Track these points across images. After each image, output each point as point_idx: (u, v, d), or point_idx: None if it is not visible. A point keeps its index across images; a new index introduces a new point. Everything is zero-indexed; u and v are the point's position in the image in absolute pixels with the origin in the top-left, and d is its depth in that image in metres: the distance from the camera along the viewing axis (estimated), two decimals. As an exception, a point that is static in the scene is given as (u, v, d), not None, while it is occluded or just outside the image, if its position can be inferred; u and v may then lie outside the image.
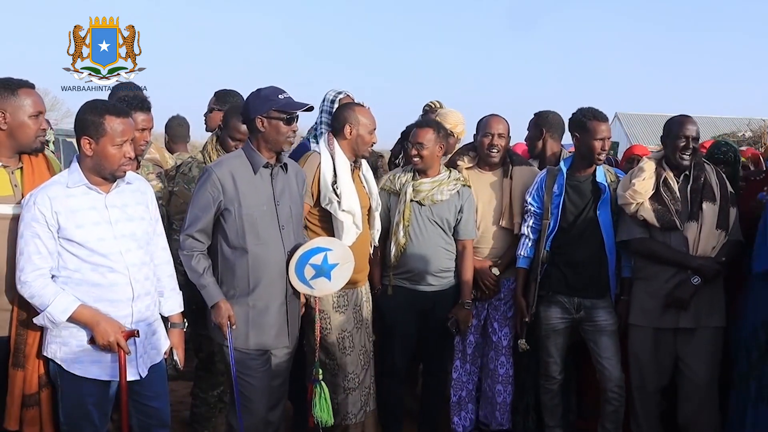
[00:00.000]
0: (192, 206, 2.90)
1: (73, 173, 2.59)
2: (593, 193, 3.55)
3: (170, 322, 2.89)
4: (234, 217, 2.88)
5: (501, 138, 3.76)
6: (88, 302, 2.55)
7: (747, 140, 9.48)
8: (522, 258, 3.68)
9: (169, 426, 2.89)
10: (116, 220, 2.61)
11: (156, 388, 2.78)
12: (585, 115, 3.52)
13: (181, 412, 4.18)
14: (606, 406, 3.57)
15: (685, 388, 3.42)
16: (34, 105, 2.62)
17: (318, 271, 3.00)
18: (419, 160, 3.63)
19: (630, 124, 35.71)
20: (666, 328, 3.39)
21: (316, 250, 2.99)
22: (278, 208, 2.96)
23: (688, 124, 3.38)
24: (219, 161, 3.02)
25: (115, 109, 2.59)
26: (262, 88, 2.96)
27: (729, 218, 3.34)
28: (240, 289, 2.92)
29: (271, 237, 2.94)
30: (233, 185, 2.87)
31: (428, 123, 3.75)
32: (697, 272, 3.30)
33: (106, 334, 2.51)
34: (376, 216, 3.56)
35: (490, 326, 3.88)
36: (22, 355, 2.59)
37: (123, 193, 2.68)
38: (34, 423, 2.64)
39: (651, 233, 3.41)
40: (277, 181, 2.99)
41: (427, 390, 3.91)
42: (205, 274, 2.87)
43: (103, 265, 2.56)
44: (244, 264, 2.90)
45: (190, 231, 2.88)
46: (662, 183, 3.40)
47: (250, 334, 2.93)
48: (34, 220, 2.49)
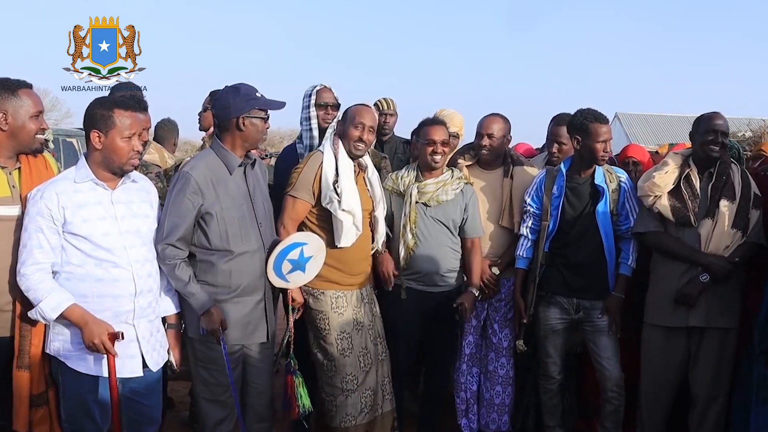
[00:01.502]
0: (170, 214, 2.80)
1: (80, 169, 2.63)
2: (592, 196, 3.55)
3: (166, 322, 2.90)
4: (216, 220, 2.86)
5: (491, 138, 3.74)
6: (92, 297, 2.57)
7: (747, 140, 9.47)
8: (521, 259, 3.68)
9: (158, 424, 2.92)
10: (122, 216, 2.65)
11: (151, 387, 2.81)
12: (586, 118, 3.50)
13: (181, 412, 4.18)
14: (606, 405, 3.58)
15: (694, 389, 3.41)
16: (34, 105, 2.63)
17: (294, 265, 3.05)
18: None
19: (630, 124, 35.73)
20: (678, 328, 3.37)
21: (293, 246, 3.04)
22: (255, 206, 2.98)
23: (717, 119, 3.37)
24: (193, 164, 2.92)
25: (123, 103, 2.64)
26: (239, 87, 2.94)
27: (748, 219, 3.30)
28: (221, 288, 2.91)
29: (251, 236, 2.95)
30: (213, 188, 2.85)
31: (440, 121, 3.74)
32: (706, 269, 3.28)
33: (92, 335, 2.51)
34: (381, 221, 3.53)
35: (490, 327, 3.87)
36: (27, 356, 2.59)
37: (129, 190, 2.72)
38: (43, 422, 2.65)
39: (666, 227, 3.41)
40: (250, 178, 3.00)
41: (428, 391, 3.90)
42: (191, 282, 2.82)
43: (107, 260, 2.59)
44: (226, 265, 2.89)
45: (170, 240, 2.78)
46: (684, 179, 3.38)
47: (228, 331, 2.91)
48: (39, 214, 2.52)
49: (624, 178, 3.62)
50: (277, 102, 3.00)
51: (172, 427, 3.97)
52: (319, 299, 3.37)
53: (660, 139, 28.18)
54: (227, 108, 2.91)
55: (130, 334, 2.66)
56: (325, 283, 3.35)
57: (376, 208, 3.51)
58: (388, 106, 4.74)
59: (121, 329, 2.61)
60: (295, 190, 3.31)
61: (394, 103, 4.79)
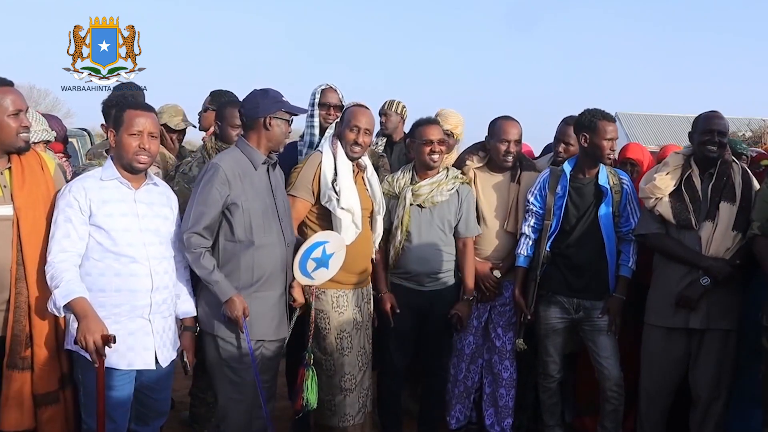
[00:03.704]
0: (197, 203, 2.88)
1: (107, 168, 2.76)
2: (595, 196, 3.55)
3: (183, 324, 2.95)
4: (241, 211, 2.93)
5: (517, 144, 3.75)
6: (110, 291, 2.64)
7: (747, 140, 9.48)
8: (522, 257, 3.68)
9: (166, 415, 3.00)
10: (143, 215, 2.75)
11: (162, 381, 2.87)
12: (594, 115, 3.52)
13: (181, 412, 4.18)
14: (605, 405, 3.59)
15: (695, 390, 3.41)
16: (12, 103, 2.61)
17: (318, 263, 3.13)
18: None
19: (630, 124, 35.69)
20: (679, 329, 3.38)
21: (316, 245, 3.12)
22: (276, 202, 3.06)
23: (714, 119, 3.37)
24: (221, 157, 3.05)
25: (134, 103, 2.82)
26: (267, 90, 3.06)
27: (749, 220, 3.27)
28: (243, 281, 2.95)
29: (273, 229, 3.02)
30: (239, 180, 2.93)
31: (435, 121, 3.77)
32: (707, 272, 3.29)
33: (86, 330, 2.49)
34: (378, 220, 3.56)
35: (494, 331, 3.86)
36: (17, 356, 2.58)
37: (151, 192, 2.83)
38: (53, 421, 2.65)
39: (667, 229, 3.41)
40: (271, 176, 3.09)
41: (427, 390, 3.91)
42: (215, 271, 2.87)
43: (126, 255, 2.67)
44: (249, 256, 2.94)
45: (197, 228, 2.85)
46: (685, 180, 3.38)
47: (253, 326, 2.94)
48: (68, 205, 2.63)
49: (626, 180, 3.63)
50: (300, 108, 3.16)
51: (172, 427, 3.97)
52: (319, 298, 3.37)
53: (660, 139, 28.19)
54: (256, 107, 3.00)
55: (146, 328, 2.73)
56: (326, 282, 3.35)
57: (375, 208, 3.52)
58: (389, 107, 4.71)
59: (138, 323, 2.70)
60: (295, 189, 3.34)
61: (397, 105, 4.74)
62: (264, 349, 3.05)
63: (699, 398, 3.40)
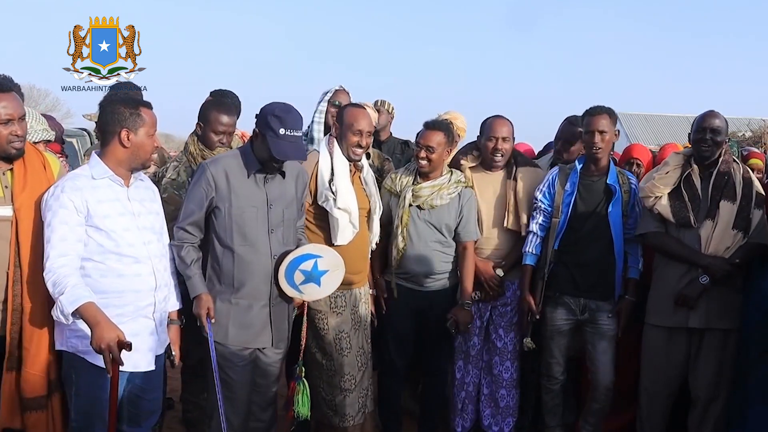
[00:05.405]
0: (187, 200, 2.98)
1: (95, 166, 2.65)
2: (605, 194, 3.54)
3: (168, 318, 2.91)
4: (224, 215, 2.93)
5: (505, 141, 3.69)
6: (112, 293, 2.59)
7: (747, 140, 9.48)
8: (529, 255, 3.66)
9: (159, 412, 2.97)
10: (138, 213, 2.71)
11: (155, 381, 2.84)
12: (585, 112, 3.55)
13: (181, 413, 4.17)
14: (592, 404, 3.63)
15: (694, 390, 3.41)
16: (4, 110, 2.56)
17: (307, 276, 3.05)
18: (427, 163, 3.57)
19: (630, 124, 35.65)
20: (679, 328, 3.37)
21: (305, 257, 3.05)
22: (270, 212, 2.99)
23: (708, 117, 3.36)
24: (215, 159, 3.05)
25: (145, 102, 2.74)
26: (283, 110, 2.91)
27: (749, 219, 3.28)
28: (226, 285, 2.97)
29: (258, 239, 2.97)
30: (226, 184, 2.92)
31: (438, 126, 3.65)
32: (706, 270, 3.28)
33: (101, 339, 2.39)
34: (375, 220, 3.55)
35: (495, 332, 3.83)
36: (15, 358, 2.58)
37: (139, 188, 2.79)
38: (38, 426, 2.63)
39: (667, 228, 3.40)
40: (272, 185, 3.02)
41: (427, 390, 3.91)
42: (192, 266, 2.90)
43: (129, 255, 2.63)
44: (229, 262, 2.96)
45: (183, 224, 2.94)
46: (685, 179, 3.38)
47: (230, 331, 2.97)
48: (62, 207, 2.53)
49: (634, 181, 3.62)
50: (285, 153, 2.90)
51: (172, 427, 3.97)
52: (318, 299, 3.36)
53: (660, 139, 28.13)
54: (265, 119, 2.91)
55: (150, 328, 2.71)
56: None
57: (372, 207, 3.51)
58: (379, 105, 4.79)
59: (141, 323, 2.67)
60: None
61: (387, 104, 4.87)
62: (262, 356, 3.06)
63: (698, 399, 3.40)
